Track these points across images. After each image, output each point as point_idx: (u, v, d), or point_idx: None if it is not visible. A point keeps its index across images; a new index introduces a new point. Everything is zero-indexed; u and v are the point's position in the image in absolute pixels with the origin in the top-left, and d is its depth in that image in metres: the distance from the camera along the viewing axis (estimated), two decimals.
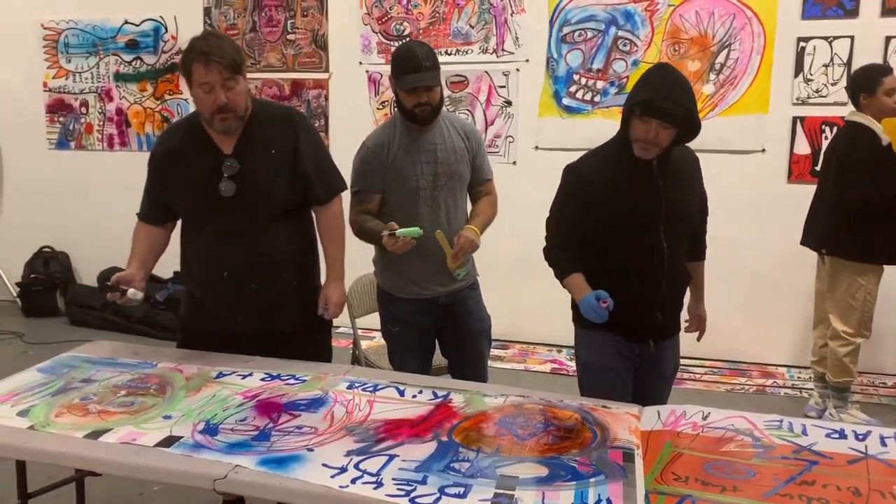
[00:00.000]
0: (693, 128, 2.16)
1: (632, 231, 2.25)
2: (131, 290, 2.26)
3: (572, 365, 4.36)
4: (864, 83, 3.40)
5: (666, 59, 4.31)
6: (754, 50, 4.21)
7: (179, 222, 2.47)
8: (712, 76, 4.28)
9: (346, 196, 2.54)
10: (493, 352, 2.30)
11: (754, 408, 2.05)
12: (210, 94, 2.19)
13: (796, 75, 4.17)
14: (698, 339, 2.63)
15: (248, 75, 2.36)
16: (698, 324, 2.60)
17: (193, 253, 2.41)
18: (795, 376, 4.28)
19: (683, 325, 2.50)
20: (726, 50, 4.25)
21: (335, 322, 2.57)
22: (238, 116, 2.26)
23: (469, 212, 2.75)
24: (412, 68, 2.46)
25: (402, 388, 2.15)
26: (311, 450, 1.77)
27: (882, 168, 3.33)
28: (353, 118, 4.81)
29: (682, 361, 4.24)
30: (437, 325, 2.73)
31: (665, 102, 2.07)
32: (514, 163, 4.63)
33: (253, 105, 2.34)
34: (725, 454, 1.79)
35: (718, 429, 1.92)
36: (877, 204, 3.34)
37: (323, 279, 2.53)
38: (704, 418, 1.98)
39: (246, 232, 2.32)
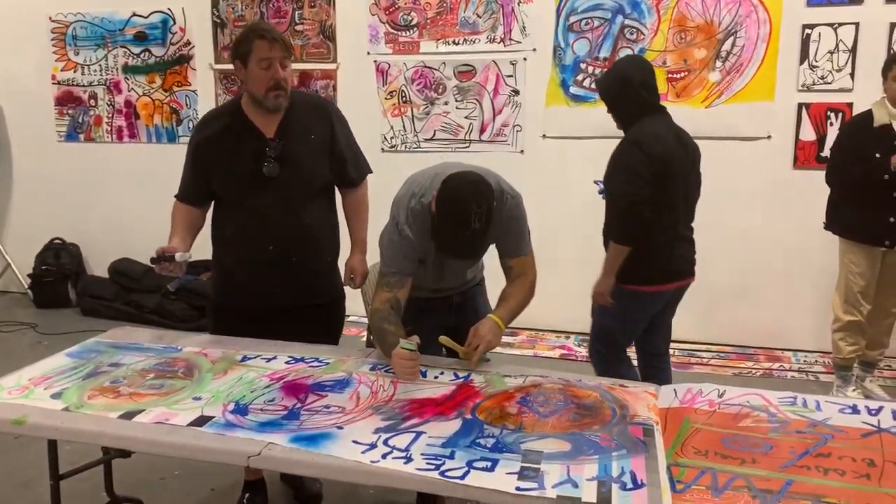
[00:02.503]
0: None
1: None
2: (178, 254, 2.32)
3: (581, 351, 4.42)
4: (883, 69, 3.47)
5: (673, 47, 4.35)
6: (760, 37, 4.24)
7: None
8: (718, 64, 4.31)
9: (370, 178, 2.70)
10: (503, 338, 2.33)
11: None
12: (269, 70, 2.36)
13: (801, 62, 4.21)
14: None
15: None
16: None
17: (237, 230, 2.51)
18: (802, 359, 4.34)
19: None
20: (732, 37, 4.28)
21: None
22: (287, 95, 2.42)
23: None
24: (454, 248, 2.16)
25: (423, 369, 2.20)
26: (340, 428, 1.82)
27: (864, 150, 3.41)
28: (361, 108, 4.84)
29: (690, 346, 4.31)
30: (448, 325, 2.48)
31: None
32: (522, 151, 4.67)
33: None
34: (743, 429, 1.85)
35: (734, 405, 1.97)
36: (858, 185, 3.46)
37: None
38: (720, 396, 2.03)
39: (290, 209, 2.46)
